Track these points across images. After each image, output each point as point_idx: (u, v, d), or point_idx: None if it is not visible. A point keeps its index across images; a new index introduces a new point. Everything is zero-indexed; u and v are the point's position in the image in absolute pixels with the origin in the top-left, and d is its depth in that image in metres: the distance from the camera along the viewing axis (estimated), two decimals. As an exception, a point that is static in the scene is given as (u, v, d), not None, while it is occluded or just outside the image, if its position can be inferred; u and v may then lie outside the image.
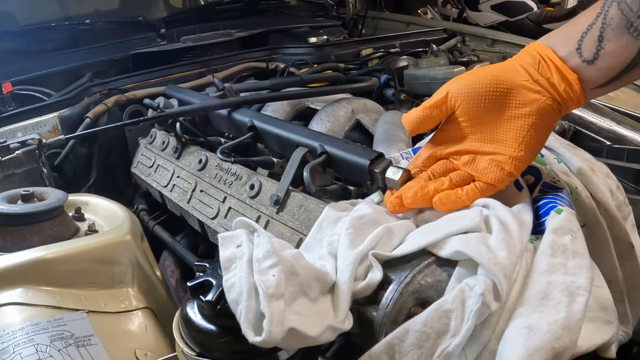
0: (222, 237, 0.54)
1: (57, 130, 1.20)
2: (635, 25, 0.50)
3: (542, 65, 0.56)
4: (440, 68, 1.28)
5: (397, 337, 0.47)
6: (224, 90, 1.18)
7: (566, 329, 0.46)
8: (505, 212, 0.55)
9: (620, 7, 0.51)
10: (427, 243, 0.53)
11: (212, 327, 0.52)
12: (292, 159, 0.80)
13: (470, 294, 0.47)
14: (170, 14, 1.98)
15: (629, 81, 0.54)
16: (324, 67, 1.38)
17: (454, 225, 0.54)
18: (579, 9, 3.80)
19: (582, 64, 0.54)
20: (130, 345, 0.68)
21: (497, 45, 1.89)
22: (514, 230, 0.53)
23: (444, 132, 0.63)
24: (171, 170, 1.05)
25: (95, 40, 1.71)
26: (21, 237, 0.78)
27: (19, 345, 0.60)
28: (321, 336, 0.48)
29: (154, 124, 1.20)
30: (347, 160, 0.74)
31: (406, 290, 0.50)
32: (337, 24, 2.17)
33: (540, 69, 0.56)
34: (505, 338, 0.48)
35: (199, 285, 0.53)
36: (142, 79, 1.39)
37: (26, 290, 0.68)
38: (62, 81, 1.50)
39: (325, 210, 0.63)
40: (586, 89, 0.55)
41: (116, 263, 0.77)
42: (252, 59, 1.56)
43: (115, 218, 0.88)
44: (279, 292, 0.47)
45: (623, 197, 0.70)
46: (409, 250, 0.53)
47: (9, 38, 1.65)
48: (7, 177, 1.07)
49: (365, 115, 1.06)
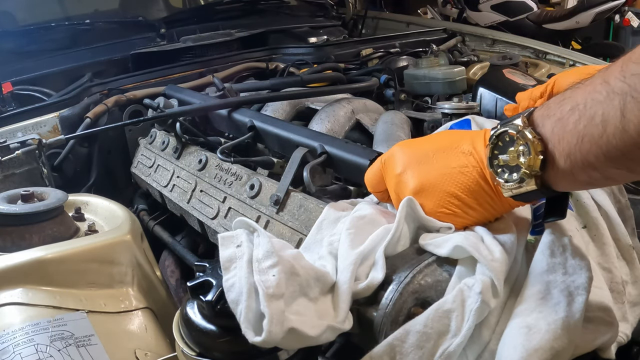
0: (222, 237, 0.54)
1: (57, 130, 1.20)
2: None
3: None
4: (440, 68, 1.28)
5: (397, 338, 0.47)
6: (224, 90, 1.18)
7: (565, 328, 0.46)
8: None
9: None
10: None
11: (212, 327, 0.52)
12: (292, 159, 0.80)
13: (469, 294, 0.47)
14: (170, 14, 1.98)
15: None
16: (324, 67, 1.38)
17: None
18: (579, 9, 3.81)
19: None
20: (130, 345, 0.68)
21: (497, 45, 1.89)
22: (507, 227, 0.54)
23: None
24: (171, 170, 1.05)
25: (95, 40, 1.71)
26: (21, 237, 0.78)
27: (19, 345, 0.60)
28: (321, 336, 0.48)
29: (154, 124, 1.20)
30: (347, 160, 0.74)
31: (406, 290, 0.50)
32: (337, 24, 2.17)
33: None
34: (504, 338, 0.48)
35: (199, 285, 0.53)
36: (142, 79, 1.39)
37: (26, 290, 0.68)
38: (62, 81, 1.50)
39: (325, 210, 0.63)
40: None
41: (116, 263, 0.77)
42: (252, 59, 1.56)
43: (115, 218, 0.88)
44: (279, 292, 0.47)
45: (625, 200, 0.70)
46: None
47: (9, 38, 1.65)
48: (7, 177, 1.07)
49: (365, 115, 1.07)
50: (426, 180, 0.56)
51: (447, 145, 0.57)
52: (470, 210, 0.54)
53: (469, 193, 0.54)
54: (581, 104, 0.43)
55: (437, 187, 0.55)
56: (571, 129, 0.44)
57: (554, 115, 0.46)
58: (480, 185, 0.53)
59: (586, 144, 0.43)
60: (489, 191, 0.53)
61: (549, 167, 0.46)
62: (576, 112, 0.44)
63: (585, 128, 0.43)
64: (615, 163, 0.42)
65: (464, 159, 0.54)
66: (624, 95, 0.40)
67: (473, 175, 0.53)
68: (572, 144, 0.44)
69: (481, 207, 0.54)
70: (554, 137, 0.46)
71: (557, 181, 0.47)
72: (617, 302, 0.61)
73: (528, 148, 0.47)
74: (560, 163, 0.45)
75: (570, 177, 0.46)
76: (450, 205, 0.55)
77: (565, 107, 0.45)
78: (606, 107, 0.41)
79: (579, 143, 0.43)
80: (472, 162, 0.54)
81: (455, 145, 0.56)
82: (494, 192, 0.53)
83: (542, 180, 0.48)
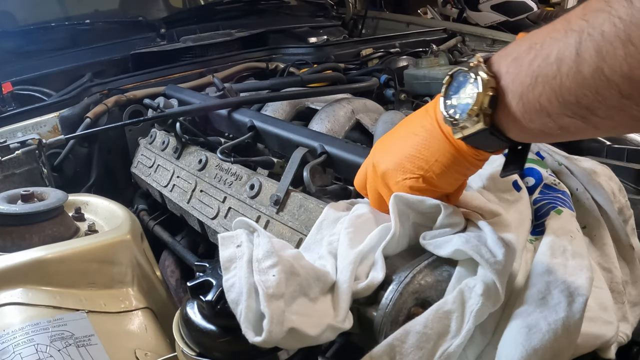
0: (222, 237, 0.54)
1: (57, 130, 1.20)
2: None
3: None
4: (440, 68, 1.28)
5: (397, 338, 0.47)
6: (224, 90, 1.18)
7: (566, 329, 0.46)
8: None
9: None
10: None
11: (212, 327, 0.52)
12: (292, 159, 0.80)
13: (470, 295, 0.47)
14: (170, 14, 1.98)
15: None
16: (324, 67, 1.38)
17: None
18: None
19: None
20: (130, 345, 0.68)
21: (497, 45, 1.89)
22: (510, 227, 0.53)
23: None
24: (171, 170, 1.05)
25: (95, 40, 1.72)
26: (21, 237, 0.78)
27: (19, 345, 0.60)
28: (321, 336, 0.48)
29: (154, 124, 1.20)
30: (347, 160, 0.74)
31: (406, 290, 0.50)
32: (337, 24, 2.17)
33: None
34: (504, 338, 0.48)
35: (199, 285, 0.52)
36: (142, 79, 1.39)
37: (26, 290, 0.68)
38: (62, 81, 1.50)
39: (325, 210, 0.63)
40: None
41: (116, 263, 0.77)
42: (252, 59, 1.56)
43: (115, 218, 0.88)
44: (279, 292, 0.47)
45: (625, 200, 0.70)
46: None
47: (9, 38, 1.65)
48: (7, 177, 1.07)
49: (365, 115, 1.06)
50: (388, 157, 0.55)
51: (409, 119, 0.56)
52: (433, 168, 0.52)
53: (423, 148, 0.52)
54: (539, 42, 0.40)
55: (398, 157, 0.54)
56: (526, 68, 0.41)
57: (510, 54, 0.44)
58: (433, 135, 0.51)
59: (539, 85, 0.40)
60: (442, 139, 0.50)
61: (500, 107, 0.44)
62: (532, 51, 0.41)
63: (539, 68, 0.40)
64: (568, 109, 0.39)
65: (419, 120, 0.53)
66: (581, 32, 0.36)
67: (427, 128, 0.52)
68: (525, 85, 0.41)
69: (440, 163, 0.51)
70: (508, 76, 0.43)
71: (509, 125, 0.45)
72: (617, 302, 0.61)
73: (477, 85, 0.44)
74: (513, 105, 0.43)
75: (522, 123, 0.43)
76: (412, 168, 0.53)
77: (523, 46, 0.42)
78: (562, 45, 0.38)
79: (532, 84, 0.40)
80: (428, 119, 0.52)
81: (416, 115, 0.55)
82: (448, 140, 0.50)
83: (492, 120, 0.45)
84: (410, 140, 0.53)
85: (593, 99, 0.37)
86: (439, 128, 0.51)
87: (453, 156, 0.51)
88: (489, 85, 0.44)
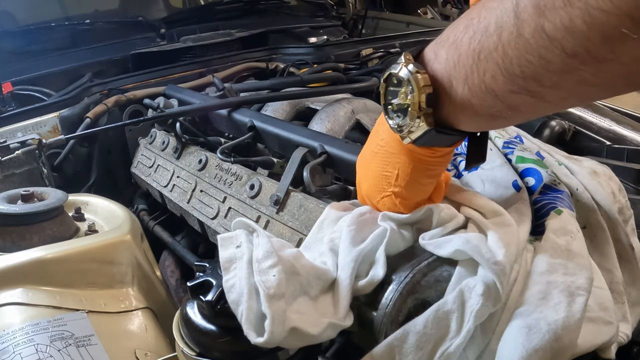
0: (222, 237, 0.54)
1: (57, 130, 1.20)
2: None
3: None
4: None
5: (397, 338, 0.47)
6: (224, 90, 1.18)
7: (566, 329, 0.46)
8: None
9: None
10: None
11: (212, 327, 0.52)
12: (292, 159, 0.80)
13: (470, 295, 0.47)
14: (170, 14, 1.98)
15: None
16: (324, 67, 1.38)
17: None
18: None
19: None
20: (130, 345, 0.68)
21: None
22: (512, 227, 0.53)
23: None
24: (171, 170, 1.05)
25: (95, 40, 1.71)
26: (21, 237, 0.78)
27: (19, 345, 0.60)
28: (322, 334, 0.48)
29: (154, 124, 1.20)
30: (347, 160, 0.74)
31: (406, 290, 0.50)
32: (337, 24, 2.16)
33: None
34: (504, 338, 0.48)
35: (199, 285, 0.53)
36: (142, 79, 1.39)
37: (26, 290, 0.68)
38: (62, 81, 1.49)
39: (326, 210, 0.63)
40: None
41: (116, 263, 0.77)
42: (252, 59, 1.56)
43: (115, 218, 0.88)
44: (280, 292, 0.47)
45: (625, 200, 0.70)
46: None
47: (9, 38, 1.65)
48: (7, 177, 1.07)
49: (365, 115, 1.06)
50: (364, 179, 0.55)
51: (372, 134, 0.54)
52: (399, 182, 0.50)
53: (385, 164, 0.50)
54: (475, 17, 0.38)
55: (371, 176, 0.54)
56: (466, 48, 0.38)
57: (447, 40, 0.41)
58: (389, 149, 0.49)
59: (482, 61, 0.37)
60: (397, 150, 0.48)
61: (445, 100, 0.41)
62: (470, 28, 0.38)
63: (479, 44, 0.37)
64: (514, 83, 0.36)
65: (376, 137, 0.52)
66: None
67: (384, 143, 0.50)
68: (468, 66, 0.38)
69: (403, 174, 0.50)
70: (449, 64, 0.40)
71: (457, 116, 0.42)
72: (618, 302, 0.61)
73: (411, 85, 0.42)
74: (459, 92, 0.40)
75: (470, 110, 0.40)
76: (384, 186, 0.52)
77: (459, 27, 0.40)
78: (499, 12, 0.35)
79: (475, 62, 0.38)
80: (383, 132, 0.50)
81: (374, 129, 0.53)
82: (403, 149, 0.48)
83: (436, 118, 0.43)
84: (375, 159, 0.53)
85: (537, 64, 0.34)
86: (392, 139, 0.49)
87: (412, 163, 0.49)
88: (422, 84, 0.41)
